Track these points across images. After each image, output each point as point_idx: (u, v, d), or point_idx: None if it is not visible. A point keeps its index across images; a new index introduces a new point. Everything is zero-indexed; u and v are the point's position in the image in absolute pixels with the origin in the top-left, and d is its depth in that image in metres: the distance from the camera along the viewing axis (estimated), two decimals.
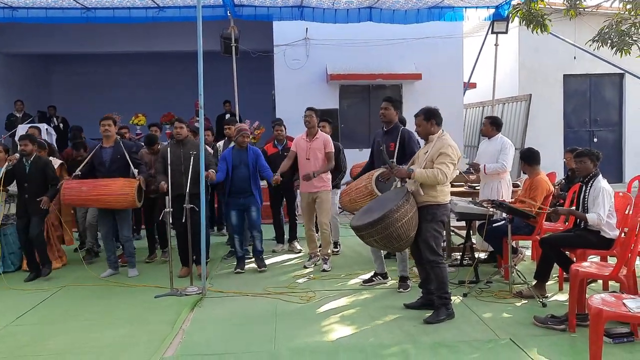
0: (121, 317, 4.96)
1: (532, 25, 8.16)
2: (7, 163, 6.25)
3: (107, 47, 12.63)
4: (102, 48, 12.71)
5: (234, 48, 9.54)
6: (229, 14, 9.28)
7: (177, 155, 6.07)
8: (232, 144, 6.73)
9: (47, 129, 10.04)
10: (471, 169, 6.61)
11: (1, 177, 6.12)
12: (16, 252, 6.69)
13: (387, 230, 4.42)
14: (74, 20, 9.01)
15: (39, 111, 12.42)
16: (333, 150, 6.44)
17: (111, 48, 12.72)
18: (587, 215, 4.85)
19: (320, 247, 6.59)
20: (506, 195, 6.19)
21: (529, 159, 5.76)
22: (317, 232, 6.73)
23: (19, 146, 6.33)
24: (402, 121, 6.32)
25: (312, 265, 6.51)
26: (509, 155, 6.22)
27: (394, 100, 5.70)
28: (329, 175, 6.48)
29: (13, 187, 6.39)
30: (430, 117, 4.72)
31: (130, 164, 6.17)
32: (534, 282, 5.19)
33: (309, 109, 6.48)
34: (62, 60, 14.48)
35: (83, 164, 6.21)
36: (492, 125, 6.42)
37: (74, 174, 6.16)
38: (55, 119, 12.15)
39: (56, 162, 6.90)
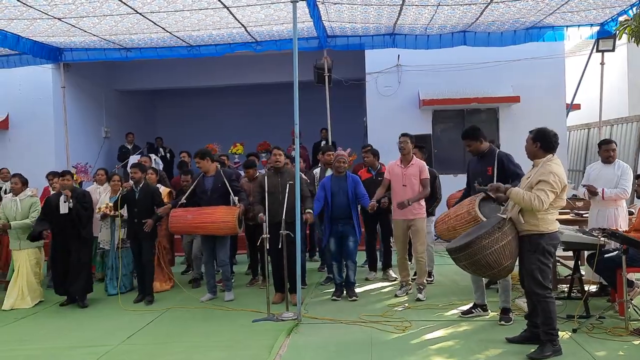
0: (221, 340, 5.13)
1: None
2: (122, 189, 6.77)
3: (208, 81, 13.42)
4: (202, 82, 13.53)
5: (327, 78, 9.72)
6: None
7: (275, 184, 6.22)
8: (328, 171, 6.80)
9: (155, 159, 10.83)
10: (587, 192, 6.15)
11: (117, 201, 6.64)
12: (128, 275, 7.17)
13: (475, 257, 4.32)
14: (181, 56, 9.64)
15: (147, 142, 13.40)
16: (429, 177, 6.33)
17: (211, 82, 13.50)
18: None
19: (414, 275, 6.44)
20: (624, 223, 5.78)
21: None
22: (410, 260, 6.59)
23: (130, 174, 6.84)
24: (497, 146, 6.09)
25: (404, 294, 6.38)
26: (630, 180, 5.89)
27: (470, 133, 5.42)
28: (424, 203, 6.36)
29: (124, 213, 6.87)
30: (537, 139, 4.46)
31: (231, 191, 6.44)
32: None
33: (403, 134, 6.41)
34: (167, 94, 15.59)
35: (187, 192, 6.55)
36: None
37: (179, 201, 6.52)
38: (162, 149, 13.03)
39: (165, 190, 7.35)
